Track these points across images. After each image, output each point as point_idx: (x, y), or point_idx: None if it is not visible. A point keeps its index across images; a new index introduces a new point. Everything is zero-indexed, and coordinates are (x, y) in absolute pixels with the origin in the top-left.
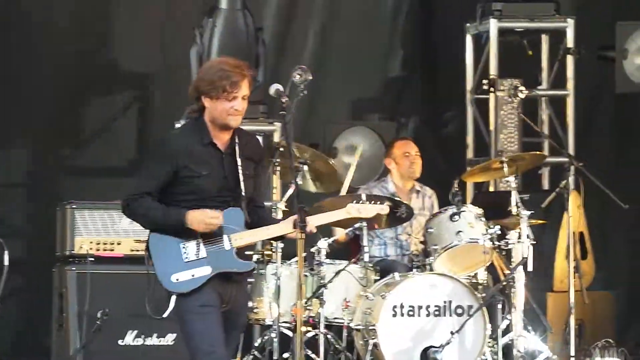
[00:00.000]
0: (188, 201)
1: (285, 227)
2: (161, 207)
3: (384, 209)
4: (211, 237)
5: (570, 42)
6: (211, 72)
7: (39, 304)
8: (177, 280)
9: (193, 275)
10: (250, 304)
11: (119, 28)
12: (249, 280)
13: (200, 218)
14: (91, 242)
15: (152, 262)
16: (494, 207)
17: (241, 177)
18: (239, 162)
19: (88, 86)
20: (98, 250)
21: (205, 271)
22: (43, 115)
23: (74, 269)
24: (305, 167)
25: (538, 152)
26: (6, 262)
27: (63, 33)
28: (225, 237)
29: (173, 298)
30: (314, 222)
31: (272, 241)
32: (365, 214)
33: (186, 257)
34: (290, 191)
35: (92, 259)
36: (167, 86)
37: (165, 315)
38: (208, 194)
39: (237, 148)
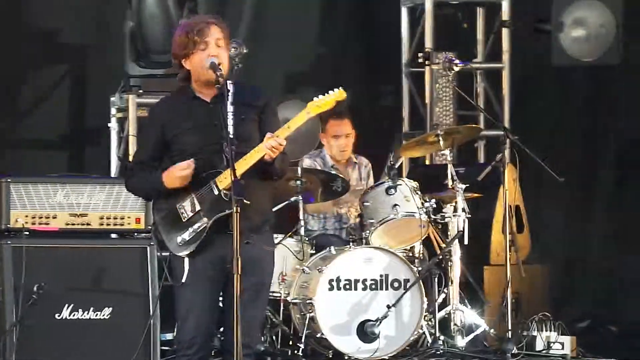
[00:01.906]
0: (183, 158)
1: (260, 151)
2: (145, 176)
3: (341, 93)
4: (201, 188)
5: (505, 14)
6: (178, 34)
7: None
8: (182, 240)
9: (194, 231)
10: None
11: (57, 0)
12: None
13: (171, 174)
14: (27, 216)
15: (161, 237)
16: (430, 181)
17: (230, 122)
18: (230, 109)
19: (21, 59)
20: (34, 224)
21: (204, 223)
22: None
23: (9, 242)
24: None
25: (473, 125)
26: None
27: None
28: (212, 182)
29: (186, 261)
30: (280, 133)
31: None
32: (325, 107)
33: (185, 216)
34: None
35: (28, 233)
36: (101, 59)
37: (183, 280)
38: (197, 146)
39: (228, 96)
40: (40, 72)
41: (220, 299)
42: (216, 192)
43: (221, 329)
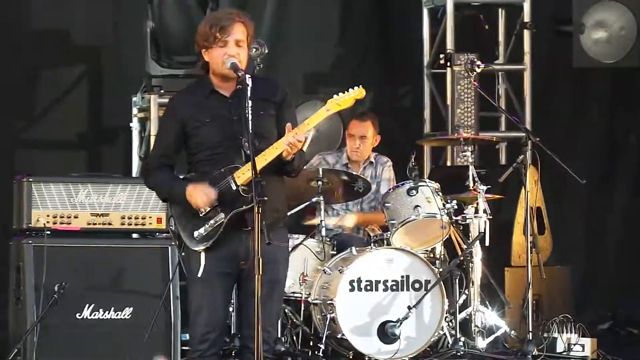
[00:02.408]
0: (200, 153)
1: (279, 147)
2: (168, 180)
3: (361, 92)
4: (219, 184)
5: (527, 16)
6: (203, 25)
7: None
8: (199, 235)
9: (210, 226)
10: None
11: (72, 0)
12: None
13: (195, 195)
14: (48, 216)
15: (178, 232)
16: (451, 182)
17: (249, 117)
18: (249, 104)
19: (40, 59)
20: (55, 223)
21: (220, 218)
22: None
23: (30, 242)
24: None
25: (493, 138)
26: None
27: (17, 5)
28: (230, 178)
29: (202, 255)
30: (299, 130)
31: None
32: (345, 105)
33: (202, 212)
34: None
35: (49, 232)
36: (119, 59)
37: (199, 274)
38: (215, 140)
39: (247, 91)
40: (58, 72)
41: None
42: (234, 187)
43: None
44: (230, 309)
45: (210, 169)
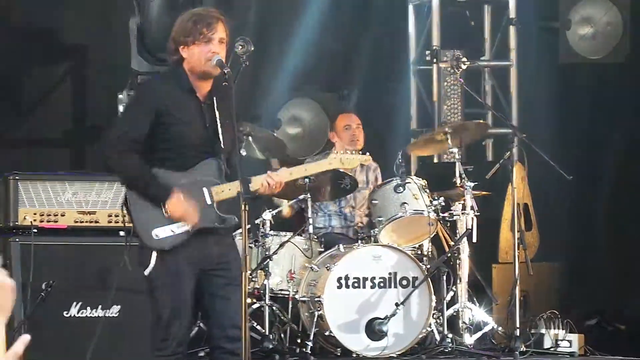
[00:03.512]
0: (168, 150)
1: (262, 180)
2: (147, 176)
3: (367, 159)
4: (191, 192)
5: (512, 12)
6: (185, 20)
7: None
8: (157, 236)
9: (173, 232)
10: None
11: None
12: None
13: (179, 208)
14: (35, 214)
15: (130, 218)
16: (438, 179)
17: (219, 129)
18: (218, 114)
19: (23, 57)
20: (42, 221)
21: (186, 227)
22: None
23: (17, 240)
24: (250, 138)
25: (481, 121)
26: None
27: (2, 2)
28: (205, 190)
29: (154, 255)
30: (294, 173)
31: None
32: (348, 165)
33: (167, 214)
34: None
35: (36, 231)
36: (104, 57)
37: (146, 272)
38: (188, 141)
39: (215, 98)
40: (42, 70)
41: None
42: (208, 202)
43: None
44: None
45: (175, 169)
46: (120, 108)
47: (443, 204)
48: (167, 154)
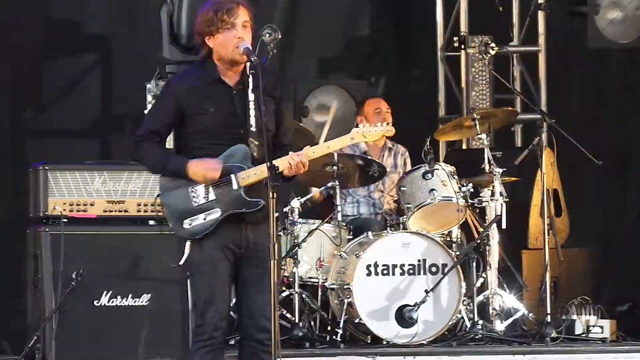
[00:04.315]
0: (198, 140)
1: (284, 161)
2: (164, 154)
3: (389, 129)
4: (220, 179)
5: None
6: (206, 11)
7: (13, 265)
8: (190, 225)
9: (205, 219)
10: None
11: None
12: None
13: (197, 170)
14: (64, 203)
15: (163, 211)
16: (467, 165)
17: (252, 113)
18: (251, 98)
19: (51, 47)
20: (71, 211)
21: (216, 214)
22: (6, 78)
23: (47, 230)
24: None
25: (510, 109)
26: None
27: None
28: (232, 176)
29: (187, 244)
30: (317, 152)
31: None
32: (370, 138)
33: (196, 201)
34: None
35: (66, 220)
36: (132, 47)
37: (181, 262)
38: (215, 132)
39: (250, 83)
40: (70, 61)
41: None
42: (235, 187)
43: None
44: None
45: (206, 157)
46: (149, 97)
47: (472, 190)
48: (197, 144)
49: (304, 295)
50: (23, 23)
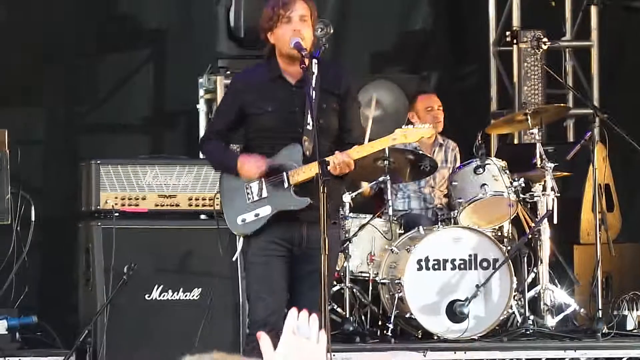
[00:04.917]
0: (257, 139)
1: (331, 161)
2: (221, 151)
3: (429, 131)
4: (273, 175)
5: None
6: (266, 8)
7: (65, 259)
8: (244, 221)
9: (257, 216)
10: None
11: None
12: None
13: (246, 166)
14: (116, 198)
15: (221, 204)
16: (519, 160)
17: (308, 111)
18: (314, 95)
19: (104, 41)
20: (123, 205)
21: (266, 211)
22: (59, 72)
23: (99, 224)
24: None
25: (562, 105)
26: (32, 217)
27: None
28: (284, 174)
29: (240, 240)
30: (361, 151)
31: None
32: (412, 138)
33: (250, 198)
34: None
35: (117, 214)
36: (184, 41)
37: (234, 258)
38: (273, 131)
39: (313, 80)
40: (123, 55)
41: None
42: (286, 185)
43: None
44: None
45: (265, 156)
46: (201, 92)
47: (523, 185)
48: (256, 142)
49: (355, 290)
50: (76, 19)
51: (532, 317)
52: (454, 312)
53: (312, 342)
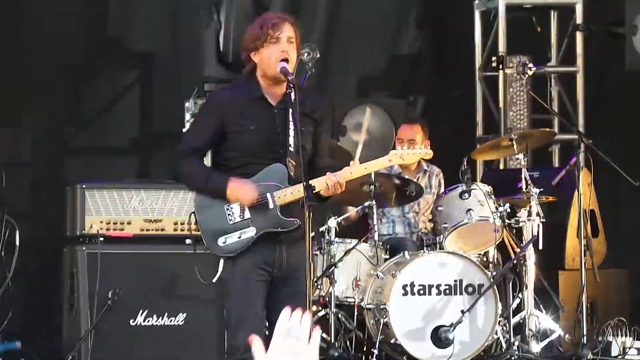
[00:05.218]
0: (236, 158)
1: (322, 181)
2: (205, 172)
3: (427, 153)
4: (259, 197)
5: (579, 18)
6: (252, 27)
7: (49, 284)
8: (225, 243)
9: (239, 237)
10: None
11: (122, 5)
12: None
13: (237, 191)
14: (101, 222)
15: (198, 226)
16: (504, 185)
17: (291, 133)
18: (291, 118)
19: (90, 65)
20: (108, 229)
21: (250, 232)
22: (45, 95)
23: (84, 248)
24: None
25: (547, 129)
26: (17, 242)
27: (65, 10)
28: (268, 195)
29: (221, 262)
30: (354, 172)
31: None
32: (408, 160)
33: (231, 219)
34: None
35: (102, 239)
36: (171, 65)
37: (214, 279)
38: (255, 150)
39: (291, 103)
40: (109, 78)
41: None
42: (271, 206)
43: None
44: None
45: (243, 176)
46: (187, 116)
47: (509, 210)
48: (236, 162)
49: (340, 315)
50: (64, 41)
51: (517, 343)
52: (439, 338)
53: (303, 342)
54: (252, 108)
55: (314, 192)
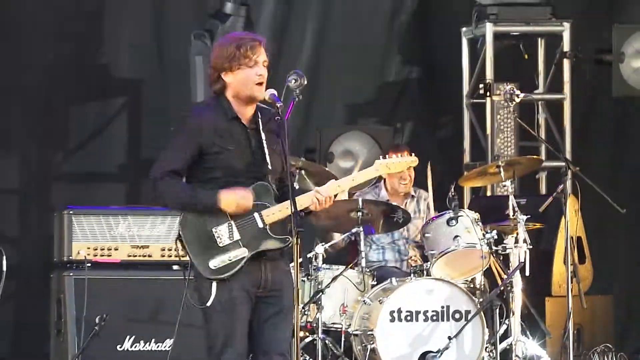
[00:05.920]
0: (216, 179)
1: (309, 198)
2: (190, 188)
3: (413, 161)
4: (242, 216)
5: (566, 45)
6: (226, 46)
7: (37, 309)
8: (216, 266)
9: (230, 260)
10: None
11: (110, 32)
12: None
13: (231, 199)
14: (89, 248)
15: (185, 251)
16: (491, 212)
17: (267, 152)
18: (264, 137)
19: (78, 91)
20: (95, 255)
21: (242, 253)
22: (33, 121)
23: (71, 274)
24: (303, 172)
25: (534, 157)
26: (4, 267)
27: (53, 37)
28: (256, 215)
29: (214, 285)
30: (342, 185)
31: (300, 215)
32: (394, 169)
33: (220, 242)
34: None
35: (90, 265)
36: (159, 91)
37: (209, 303)
38: (235, 170)
39: (260, 122)
40: (97, 104)
41: None
42: (260, 226)
43: None
44: None
45: None
46: None
47: (496, 237)
48: (217, 183)
49: (327, 341)
50: (53, 66)
51: None
52: None
53: None
54: (228, 128)
55: (302, 210)
